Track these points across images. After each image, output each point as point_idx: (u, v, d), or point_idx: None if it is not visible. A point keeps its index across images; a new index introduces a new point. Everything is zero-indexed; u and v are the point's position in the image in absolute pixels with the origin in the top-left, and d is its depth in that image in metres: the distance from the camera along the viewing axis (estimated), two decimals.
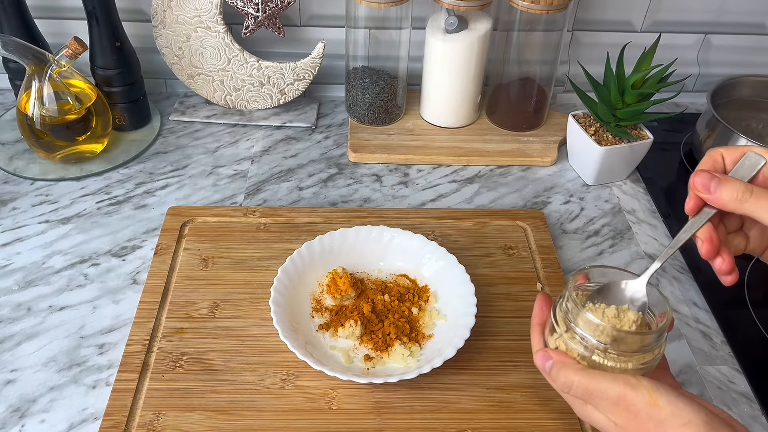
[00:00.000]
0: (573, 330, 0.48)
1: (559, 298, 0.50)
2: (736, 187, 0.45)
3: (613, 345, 0.47)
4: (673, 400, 0.43)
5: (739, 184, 0.45)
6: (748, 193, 0.45)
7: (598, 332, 0.47)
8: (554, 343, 0.50)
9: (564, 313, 0.49)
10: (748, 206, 0.45)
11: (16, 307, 0.70)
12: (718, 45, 1.02)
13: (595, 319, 0.47)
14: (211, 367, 0.64)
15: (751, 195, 0.44)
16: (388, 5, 0.84)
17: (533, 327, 0.52)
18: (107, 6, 0.83)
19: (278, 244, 0.75)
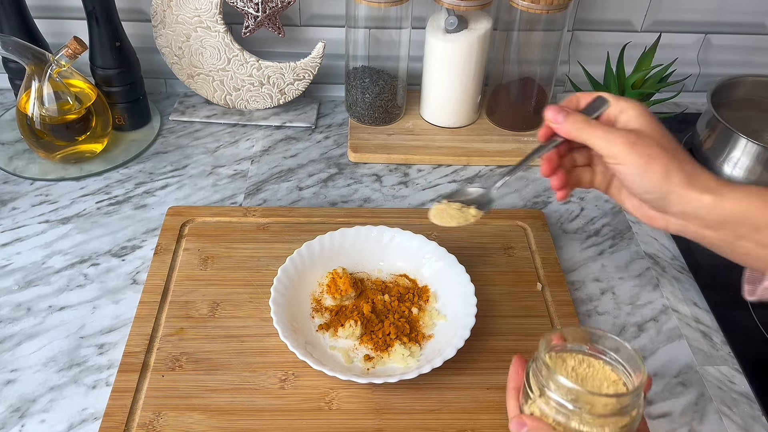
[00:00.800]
0: (546, 395, 0.46)
1: (532, 361, 0.48)
2: (578, 118, 0.53)
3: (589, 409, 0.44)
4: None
5: (579, 117, 0.53)
6: (585, 123, 0.53)
7: (572, 396, 0.45)
8: (529, 409, 0.48)
9: (536, 376, 0.46)
10: (583, 134, 0.52)
11: (15, 307, 0.70)
12: (718, 45, 1.02)
13: (568, 383, 0.44)
14: (211, 367, 0.63)
15: (587, 125, 0.52)
16: (388, 5, 0.84)
17: (509, 392, 0.51)
18: (107, 6, 0.83)
19: (278, 244, 0.75)
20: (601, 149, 0.52)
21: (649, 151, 0.50)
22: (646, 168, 0.50)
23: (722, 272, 0.77)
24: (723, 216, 0.49)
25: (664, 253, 0.80)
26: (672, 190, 0.50)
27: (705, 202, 0.49)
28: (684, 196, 0.50)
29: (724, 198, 0.49)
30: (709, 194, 0.49)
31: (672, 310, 0.73)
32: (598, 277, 0.76)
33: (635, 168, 0.51)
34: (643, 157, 0.50)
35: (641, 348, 0.69)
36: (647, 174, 0.50)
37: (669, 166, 0.50)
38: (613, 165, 0.52)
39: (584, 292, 0.75)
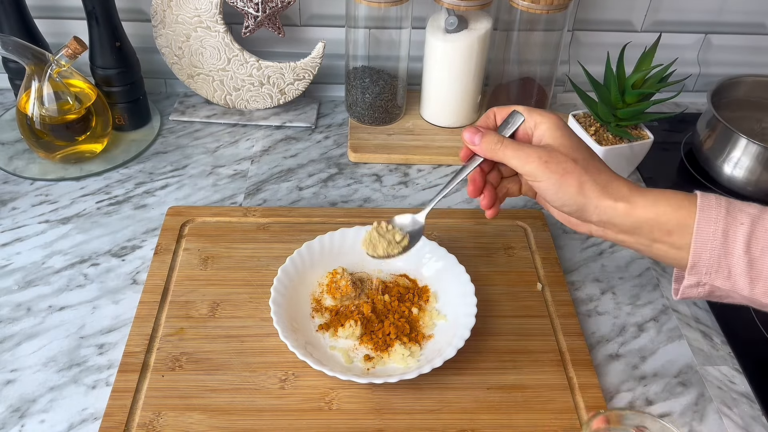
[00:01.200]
0: None
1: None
2: (492, 139, 0.55)
3: None
4: None
5: (494, 137, 0.55)
6: (499, 144, 0.55)
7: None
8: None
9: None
10: (498, 155, 0.55)
11: (15, 307, 0.70)
12: (718, 45, 1.02)
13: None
14: (211, 367, 0.63)
15: (501, 145, 0.55)
16: (388, 5, 0.84)
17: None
18: (107, 6, 0.83)
19: (278, 244, 0.75)
20: (516, 168, 0.55)
21: (562, 167, 0.53)
22: (561, 183, 0.53)
23: None
24: (636, 222, 0.52)
25: None
26: (587, 202, 0.53)
27: (619, 210, 0.52)
28: (599, 206, 0.53)
29: (635, 205, 0.52)
30: (622, 202, 0.52)
31: (672, 310, 0.73)
32: (598, 277, 0.76)
33: (550, 184, 0.53)
34: (557, 174, 0.53)
35: (641, 348, 0.69)
36: (562, 189, 0.53)
37: (582, 179, 0.53)
38: (530, 182, 0.55)
39: (584, 292, 0.75)
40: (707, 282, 0.51)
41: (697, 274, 0.51)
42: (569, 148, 0.54)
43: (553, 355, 0.66)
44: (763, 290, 0.49)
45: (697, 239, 0.50)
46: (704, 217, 0.50)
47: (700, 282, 0.51)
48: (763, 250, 0.48)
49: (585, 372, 0.64)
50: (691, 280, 0.52)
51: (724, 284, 0.50)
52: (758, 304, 0.51)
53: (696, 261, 0.50)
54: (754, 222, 0.49)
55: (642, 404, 0.64)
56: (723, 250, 0.49)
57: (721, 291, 0.51)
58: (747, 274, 0.49)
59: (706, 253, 0.50)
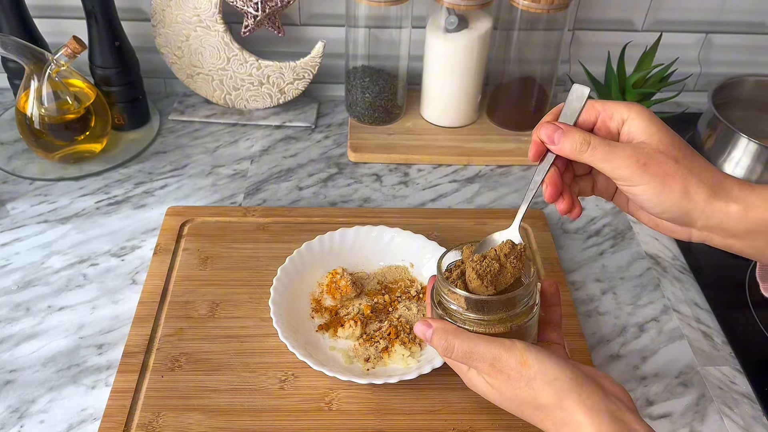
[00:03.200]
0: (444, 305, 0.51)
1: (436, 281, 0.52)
2: (576, 138, 0.48)
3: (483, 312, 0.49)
4: (542, 359, 0.46)
5: (579, 136, 0.48)
6: (585, 145, 0.47)
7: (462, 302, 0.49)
8: None
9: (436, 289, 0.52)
10: (587, 157, 0.48)
11: (15, 308, 0.70)
12: (719, 44, 1.02)
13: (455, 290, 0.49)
14: (210, 368, 0.63)
15: (588, 147, 0.47)
16: (389, 4, 0.84)
17: None
18: (106, 5, 0.83)
19: (278, 244, 0.75)
20: (607, 172, 0.48)
21: (664, 170, 0.46)
22: (662, 189, 0.46)
23: (723, 272, 0.77)
24: (752, 225, 0.46)
25: (665, 254, 0.80)
26: (693, 207, 0.46)
27: (731, 214, 0.46)
28: (707, 211, 0.46)
29: (751, 206, 0.46)
30: (734, 204, 0.46)
31: (673, 310, 0.73)
32: (599, 277, 0.76)
33: (650, 190, 0.46)
34: (657, 177, 0.46)
35: (642, 348, 0.69)
36: (664, 194, 0.46)
37: (687, 181, 0.46)
38: (623, 187, 0.48)
39: (585, 292, 0.74)
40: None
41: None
42: (669, 145, 0.47)
43: None
44: None
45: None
46: None
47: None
48: None
49: None
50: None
51: None
52: None
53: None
54: None
55: (643, 404, 0.63)
56: None
57: None
58: None
59: None
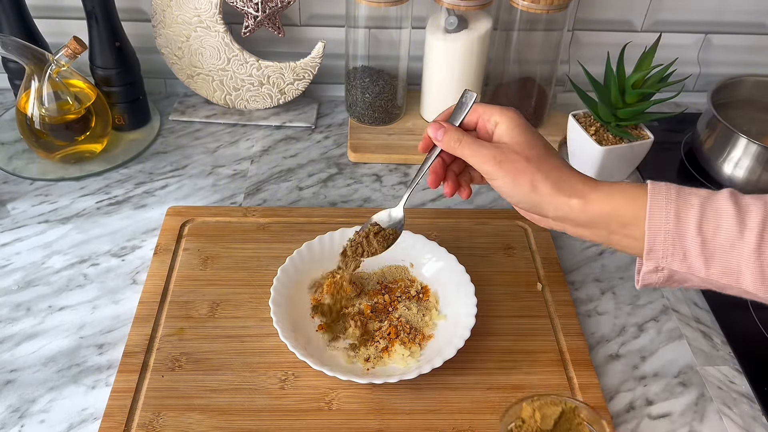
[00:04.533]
0: None
1: None
2: (452, 136, 0.57)
3: None
4: None
5: (454, 134, 0.57)
6: (458, 142, 0.56)
7: None
8: None
9: None
10: (458, 152, 0.57)
11: (15, 307, 0.70)
12: (718, 45, 1.02)
13: None
14: (210, 368, 0.63)
15: (460, 144, 0.56)
16: (388, 5, 0.84)
17: None
18: (107, 6, 0.83)
19: (278, 244, 0.75)
20: (474, 166, 0.57)
21: (515, 167, 0.54)
22: (514, 183, 0.54)
23: None
24: (592, 216, 0.53)
25: None
26: (541, 199, 0.54)
27: (573, 206, 0.53)
28: (553, 203, 0.54)
29: (589, 200, 0.53)
30: (575, 198, 0.53)
31: (672, 310, 0.73)
32: (599, 277, 0.76)
33: (505, 183, 0.55)
34: (510, 173, 0.54)
35: (642, 348, 0.69)
36: (516, 187, 0.54)
37: (534, 177, 0.54)
38: (488, 180, 0.57)
39: (584, 292, 0.75)
40: (665, 266, 0.51)
41: (654, 258, 0.51)
42: (524, 145, 0.55)
43: (553, 355, 0.66)
44: (719, 270, 0.49)
45: (650, 224, 0.50)
46: (656, 202, 0.51)
47: (658, 267, 0.51)
48: (714, 231, 0.49)
49: (585, 372, 0.64)
50: (649, 265, 0.52)
51: (680, 267, 0.51)
52: (715, 285, 0.51)
53: (651, 245, 0.51)
54: (703, 204, 0.50)
55: (642, 404, 0.64)
56: (677, 232, 0.50)
57: (679, 275, 0.51)
58: (701, 255, 0.49)
59: (661, 237, 0.50)
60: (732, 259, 0.49)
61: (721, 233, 0.49)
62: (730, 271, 0.49)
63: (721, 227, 0.49)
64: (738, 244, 0.48)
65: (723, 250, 0.49)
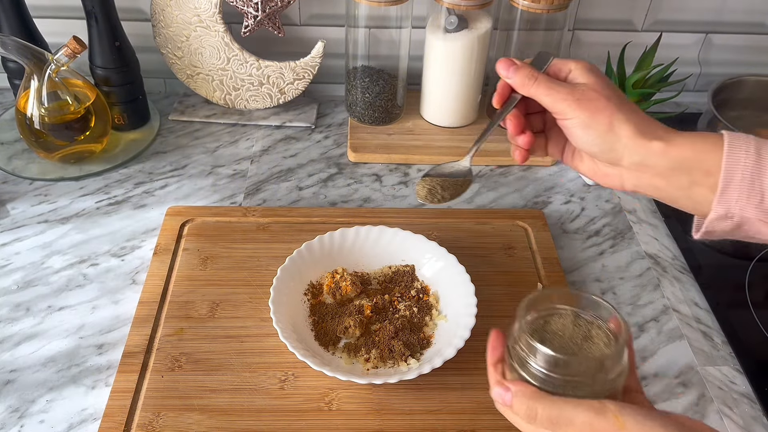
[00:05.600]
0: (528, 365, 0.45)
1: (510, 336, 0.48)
2: (526, 73, 0.53)
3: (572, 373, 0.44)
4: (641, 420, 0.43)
5: (528, 71, 0.53)
6: (533, 79, 0.53)
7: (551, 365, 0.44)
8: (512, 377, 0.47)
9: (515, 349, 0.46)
10: (531, 89, 0.53)
11: (15, 307, 0.70)
12: (719, 44, 1.02)
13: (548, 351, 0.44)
14: (210, 368, 0.63)
15: (535, 81, 0.53)
16: (389, 4, 0.84)
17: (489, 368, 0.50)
18: (106, 5, 0.83)
19: (278, 244, 0.75)
20: (547, 106, 0.53)
21: (594, 105, 0.51)
22: (591, 121, 0.51)
23: (723, 272, 0.77)
24: (674, 162, 0.50)
25: (664, 253, 0.80)
26: (618, 140, 0.50)
27: (654, 149, 0.50)
28: (631, 146, 0.50)
29: (672, 144, 0.50)
30: (657, 141, 0.50)
31: (673, 310, 0.73)
32: (599, 277, 0.76)
33: (580, 122, 0.51)
34: (588, 111, 0.51)
35: (642, 349, 0.69)
36: (592, 127, 0.51)
37: (613, 117, 0.50)
38: (560, 120, 0.53)
39: (584, 292, 0.74)
40: (736, 213, 0.47)
41: (727, 201, 0.47)
42: (603, 86, 0.52)
43: None
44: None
45: (728, 158, 0.47)
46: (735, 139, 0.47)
47: (728, 213, 0.47)
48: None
49: None
50: (719, 210, 0.47)
51: (755, 213, 0.47)
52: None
53: (727, 183, 0.47)
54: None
55: None
56: (756, 170, 0.46)
57: (750, 224, 0.47)
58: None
59: (738, 174, 0.47)
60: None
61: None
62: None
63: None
64: None
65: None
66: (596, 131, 0.51)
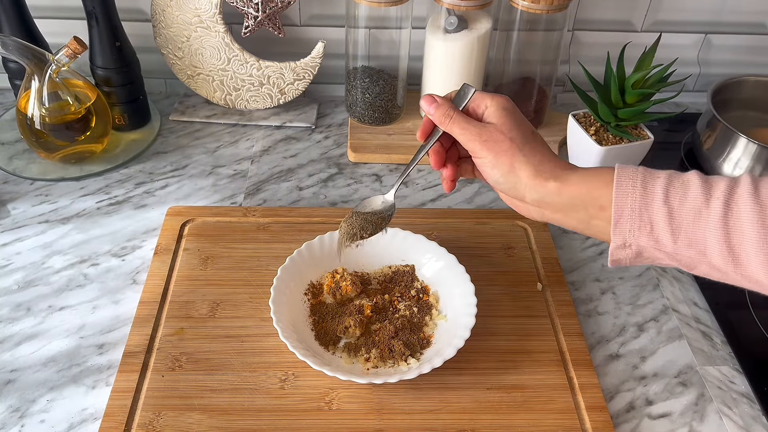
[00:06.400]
0: None
1: None
2: (444, 111, 0.58)
3: None
4: None
5: (447, 109, 0.58)
6: (449, 118, 0.58)
7: None
8: None
9: None
10: (448, 127, 0.58)
11: (15, 307, 0.70)
12: (718, 45, 1.02)
13: None
14: (210, 367, 0.63)
15: (451, 119, 0.58)
16: (389, 5, 0.84)
17: None
18: (107, 6, 0.83)
19: (278, 244, 0.75)
20: (461, 143, 0.58)
21: (498, 147, 0.55)
22: (495, 162, 0.56)
23: None
24: (569, 199, 0.54)
25: None
26: (519, 180, 0.55)
27: (550, 189, 0.54)
28: (530, 186, 0.55)
29: (567, 183, 0.54)
30: (553, 181, 0.54)
31: (672, 310, 0.73)
32: (599, 277, 0.76)
33: (487, 162, 0.56)
34: (492, 152, 0.56)
35: (641, 348, 0.69)
36: (496, 167, 0.56)
37: (514, 158, 0.55)
38: (474, 159, 0.58)
39: (584, 292, 0.75)
40: (632, 241, 0.51)
41: (621, 233, 0.51)
42: (509, 127, 0.56)
43: (553, 355, 0.66)
44: (685, 243, 0.49)
45: (617, 197, 0.51)
46: (622, 174, 0.51)
47: (625, 242, 0.51)
48: (681, 201, 0.49)
49: (585, 372, 0.64)
50: (617, 240, 0.52)
51: (648, 241, 0.50)
52: (684, 261, 0.51)
53: (618, 217, 0.51)
54: (670, 176, 0.51)
55: (642, 404, 0.64)
56: (643, 203, 0.50)
57: (648, 251, 0.51)
58: (668, 226, 0.49)
59: (627, 208, 0.51)
60: (698, 230, 0.49)
61: (687, 202, 0.49)
62: (696, 243, 0.49)
63: (688, 197, 0.49)
64: (704, 213, 0.48)
65: (689, 221, 0.49)
66: (500, 171, 0.56)
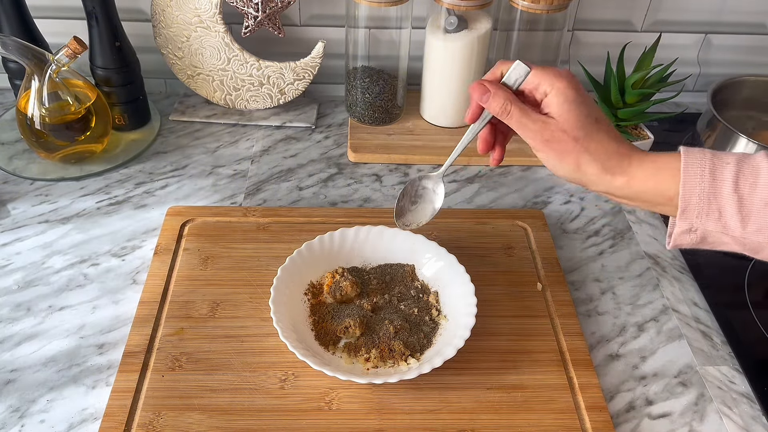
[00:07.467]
0: None
1: None
2: (499, 103, 0.55)
3: None
4: None
5: (501, 99, 0.55)
6: (505, 113, 0.55)
7: None
8: None
9: None
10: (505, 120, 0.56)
11: (15, 307, 0.70)
12: (718, 45, 1.02)
13: None
14: (210, 367, 0.63)
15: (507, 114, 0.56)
16: (388, 5, 0.84)
17: None
18: (107, 6, 0.83)
19: (278, 244, 0.75)
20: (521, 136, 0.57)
21: (562, 147, 0.54)
22: (559, 162, 0.55)
23: (723, 272, 0.77)
24: (637, 193, 0.54)
25: (664, 253, 0.80)
26: (584, 176, 0.54)
27: (617, 184, 0.54)
28: (598, 182, 0.55)
29: (633, 178, 0.53)
30: (620, 176, 0.54)
31: (672, 310, 0.73)
32: (599, 277, 0.76)
33: (550, 160, 0.55)
34: (555, 152, 0.54)
35: (641, 348, 0.69)
36: (560, 166, 0.55)
37: (580, 159, 0.54)
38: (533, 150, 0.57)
39: (584, 292, 0.75)
40: (698, 226, 0.50)
41: (688, 218, 0.50)
42: (572, 125, 0.54)
43: (553, 355, 0.66)
44: (756, 227, 0.49)
45: (685, 182, 0.50)
46: (690, 161, 0.50)
47: (692, 227, 0.51)
48: (751, 187, 0.48)
49: (585, 372, 0.64)
50: (682, 225, 0.51)
51: (715, 227, 0.50)
52: (750, 246, 0.50)
53: (686, 204, 0.50)
54: (739, 161, 0.50)
55: (642, 404, 0.64)
56: (712, 190, 0.50)
57: (713, 236, 0.51)
58: (738, 213, 0.49)
59: (695, 196, 0.50)
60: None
61: (759, 190, 0.48)
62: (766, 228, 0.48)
63: (759, 184, 0.48)
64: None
65: (759, 207, 0.48)
66: (564, 169, 0.55)
